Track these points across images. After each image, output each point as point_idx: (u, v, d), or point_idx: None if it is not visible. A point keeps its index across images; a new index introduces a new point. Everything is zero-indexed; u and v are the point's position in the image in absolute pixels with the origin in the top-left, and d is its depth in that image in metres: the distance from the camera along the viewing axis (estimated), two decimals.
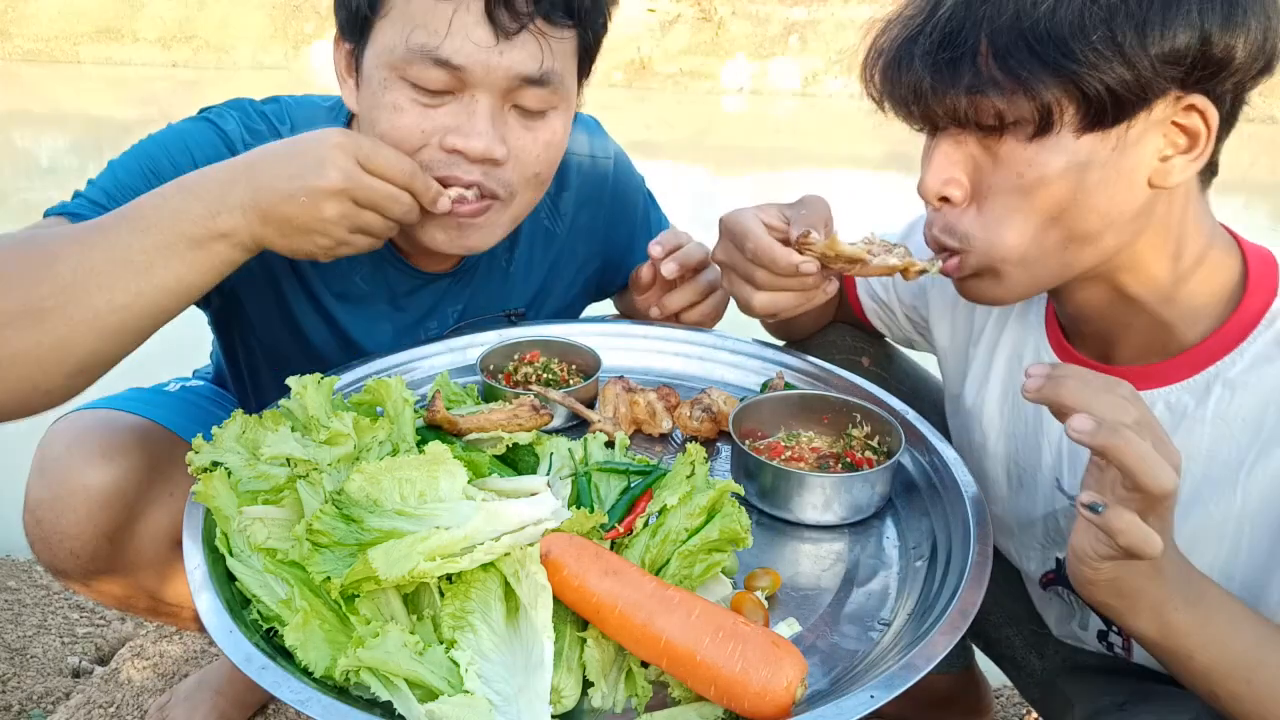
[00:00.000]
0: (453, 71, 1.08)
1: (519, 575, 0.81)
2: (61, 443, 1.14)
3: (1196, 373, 0.97)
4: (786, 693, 0.74)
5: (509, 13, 1.07)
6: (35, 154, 7.99)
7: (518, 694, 0.76)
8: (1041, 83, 0.84)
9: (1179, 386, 0.98)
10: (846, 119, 9.98)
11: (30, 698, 1.77)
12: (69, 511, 1.12)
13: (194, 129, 1.22)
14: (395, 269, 1.34)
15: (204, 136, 1.21)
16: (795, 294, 1.11)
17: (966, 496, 1.01)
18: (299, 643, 0.79)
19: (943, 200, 0.96)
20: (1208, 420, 0.96)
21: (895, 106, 0.96)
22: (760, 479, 1.08)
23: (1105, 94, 0.84)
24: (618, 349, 1.40)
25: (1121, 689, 1.04)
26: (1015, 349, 1.17)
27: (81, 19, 11.52)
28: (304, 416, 1.02)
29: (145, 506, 1.15)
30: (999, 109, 0.88)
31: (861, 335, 1.45)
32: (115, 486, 1.12)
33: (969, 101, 0.88)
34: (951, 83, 0.88)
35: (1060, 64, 0.83)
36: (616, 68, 11.01)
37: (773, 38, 11.10)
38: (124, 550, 1.16)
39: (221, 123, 1.22)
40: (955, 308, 1.28)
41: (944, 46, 0.89)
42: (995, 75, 0.86)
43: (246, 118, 1.25)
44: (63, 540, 1.13)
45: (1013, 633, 1.33)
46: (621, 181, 1.55)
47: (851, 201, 6.23)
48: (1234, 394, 0.94)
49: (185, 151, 1.18)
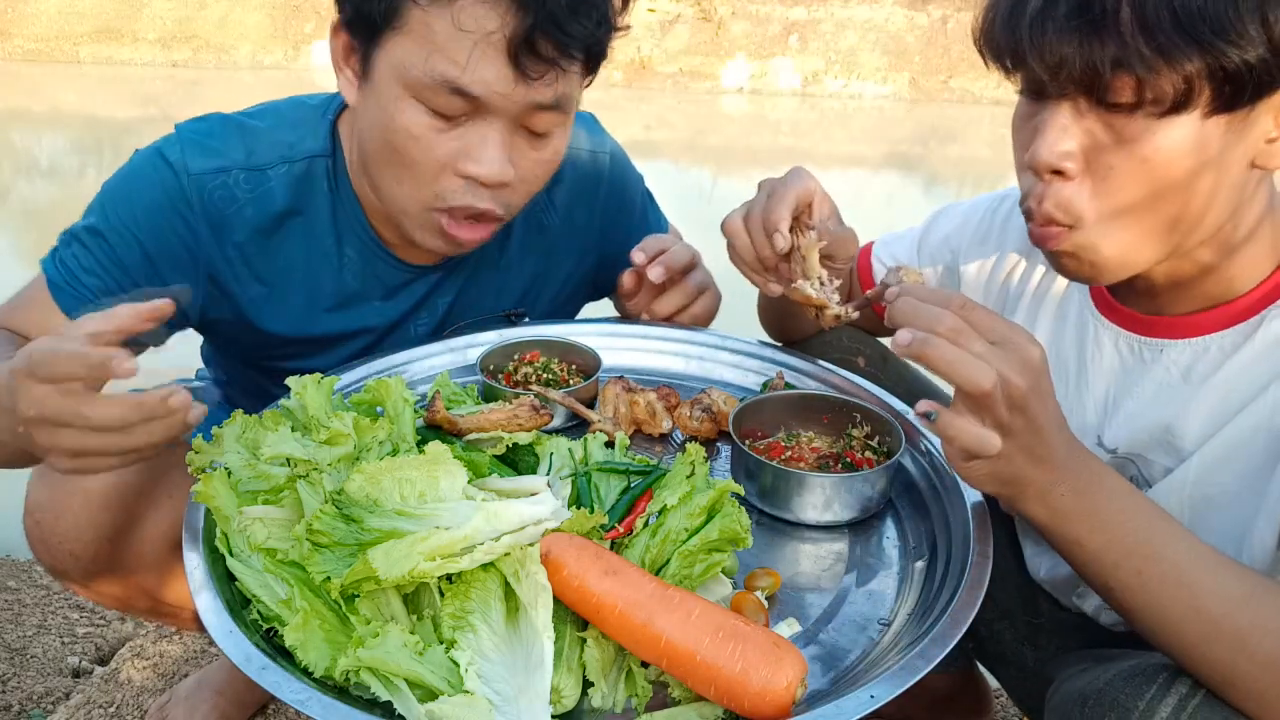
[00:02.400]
0: (470, 100, 1.08)
1: (519, 575, 0.81)
2: None
3: (1248, 318, 0.98)
4: (786, 693, 0.74)
5: (532, 58, 1.06)
6: (35, 154, 8.00)
7: (518, 694, 0.76)
8: (1187, 60, 0.81)
9: (1231, 331, 0.99)
10: (846, 119, 9.99)
11: (30, 698, 1.77)
12: (69, 514, 1.12)
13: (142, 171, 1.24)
14: (384, 263, 1.34)
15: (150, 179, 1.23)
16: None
17: (966, 497, 1.01)
18: (299, 643, 0.79)
19: (1054, 173, 0.93)
20: (1255, 358, 0.97)
21: (1013, 65, 0.93)
22: (760, 479, 1.08)
23: (1246, 75, 0.82)
24: (618, 349, 1.40)
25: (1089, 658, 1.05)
26: (1060, 308, 1.18)
27: (81, 19, 11.51)
28: (304, 416, 1.02)
29: (145, 508, 1.15)
30: (1138, 85, 0.84)
31: (858, 334, 1.45)
32: (115, 489, 1.12)
33: (1111, 75, 0.85)
34: (1092, 54, 0.84)
35: (1209, 42, 0.81)
36: (616, 68, 11.00)
37: (773, 38, 11.09)
38: (124, 552, 1.16)
39: (169, 155, 1.23)
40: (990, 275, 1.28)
41: (1082, 11, 0.85)
42: (1141, 49, 0.82)
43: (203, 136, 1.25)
44: (63, 543, 1.13)
45: (1004, 626, 1.33)
46: (618, 178, 1.54)
47: (851, 202, 6.22)
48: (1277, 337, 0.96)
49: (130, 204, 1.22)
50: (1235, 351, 0.99)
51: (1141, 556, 0.84)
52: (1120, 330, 1.08)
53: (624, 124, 1.92)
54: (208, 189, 1.23)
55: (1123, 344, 1.08)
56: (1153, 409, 1.04)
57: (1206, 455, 1.00)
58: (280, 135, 1.28)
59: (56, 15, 11.56)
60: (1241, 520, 0.96)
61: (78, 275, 1.21)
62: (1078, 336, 1.14)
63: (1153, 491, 1.05)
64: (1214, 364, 1.00)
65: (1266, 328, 0.97)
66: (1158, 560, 0.83)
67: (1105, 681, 0.88)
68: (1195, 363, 1.02)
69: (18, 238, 1.12)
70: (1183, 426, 1.02)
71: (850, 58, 10.83)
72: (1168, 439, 1.03)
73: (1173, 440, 1.03)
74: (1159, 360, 1.05)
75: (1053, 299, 1.19)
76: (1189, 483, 1.01)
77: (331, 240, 1.31)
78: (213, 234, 1.24)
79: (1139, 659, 0.89)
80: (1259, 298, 0.98)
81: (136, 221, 1.21)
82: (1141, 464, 1.07)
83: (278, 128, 1.28)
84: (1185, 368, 1.02)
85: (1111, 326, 1.09)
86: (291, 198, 1.27)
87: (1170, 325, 1.04)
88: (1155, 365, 1.05)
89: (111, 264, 1.21)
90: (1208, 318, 1.01)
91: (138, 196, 1.22)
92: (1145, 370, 1.06)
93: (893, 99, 10.53)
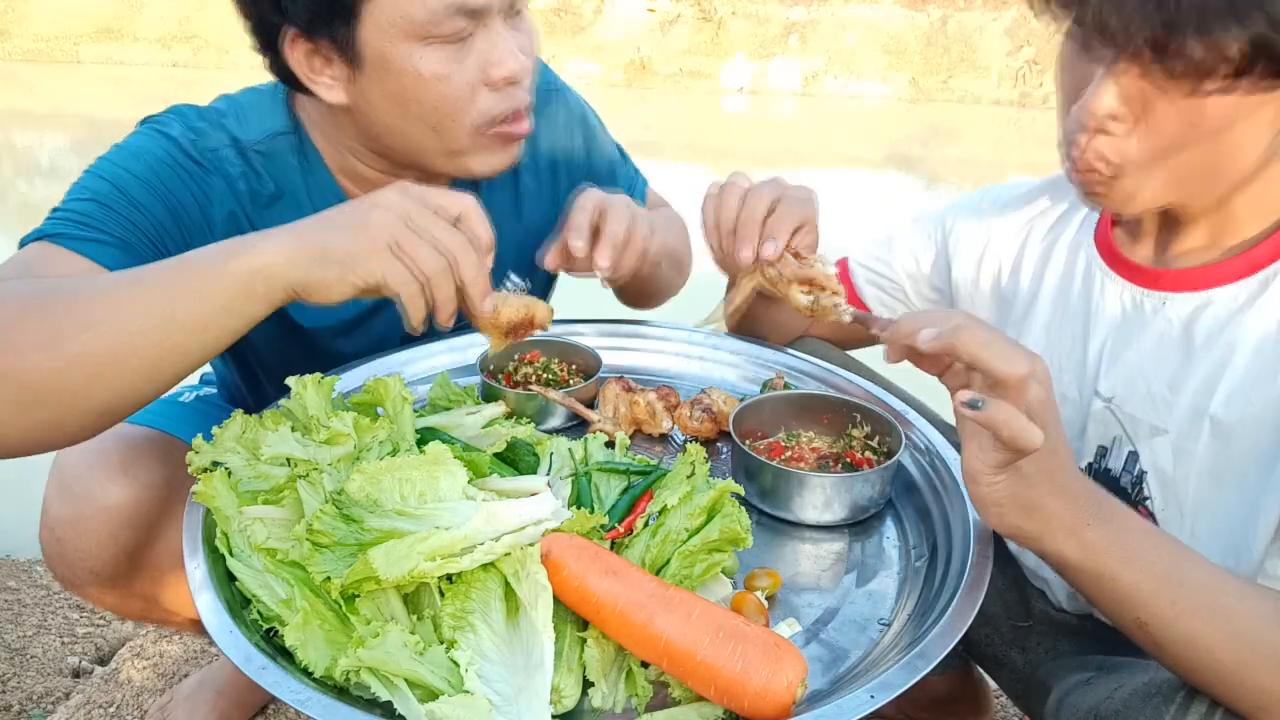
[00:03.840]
0: (471, 15, 1.10)
1: (519, 575, 0.81)
2: (80, 458, 1.12)
3: (1256, 271, 0.98)
4: (786, 693, 0.74)
5: None
6: (35, 154, 8.00)
7: (518, 694, 0.76)
8: (1251, 32, 0.81)
9: (1238, 284, 0.99)
10: (846, 119, 9.99)
11: (30, 698, 1.77)
12: (90, 532, 1.10)
13: (143, 140, 1.20)
14: None
15: (153, 143, 1.19)
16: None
17: (967, 497, 1.01)
18: (299, 643, 0.79)
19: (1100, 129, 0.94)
20: (1261, 315, 0.97)
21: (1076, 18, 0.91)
22: (760, 479, 1.08)
23: None
24: (618, 349, 1.40)
25: (1090, 666, 1.04)
26: (1067, 265, 1.18)
27: (81, 19, 11.51)
28: (304, 416, 1.02)
29: (164, 522, 1.14)
30: (1202, 51, 0.84)
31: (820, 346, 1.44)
32: (137, 505, 1.11)
33: (1178, 42, 0.84)
34: (1163, 16, 0.84)
35: (1275, 15, 0.80)
36: (616, 68, 11.01)
37: (773, 38, 11.09)
38: (143, 566, 1.15)
39: (166, 129, 1.21)
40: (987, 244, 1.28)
41: None
42: (1212, 20, 0.82)
43: (185, 119, 1.24)
44: (84, 559, 1.12)
45: (990, 631, 1.33)
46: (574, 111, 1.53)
47: (851, 202, 6.23)
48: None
49: (139, 160, 1.16)
50: (1241, 311, 0.99)
51: (1174, 585, 0.81)
52: (1125, 282, 1.09)
53: (624, 124, 1.92)
54: (209, 160, 1.22)
55: (1126, 296, 1.09)
56: (1151, 362, 1.05)
57: (1219, 427, 0.99)
58: (245, 120, 1.27)
59: (56, 15, 11.56)
60: (1246, 504, 0.96)
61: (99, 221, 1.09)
62: (1084, 289, 1.14)
63: (1157, 474, 1.04)
64: (1218, 322, 1.00)
65: (1277, 288, 0.96)
66: (1189, 588, 0.81)
67: (1122, 702, 0.87)
68: (1197, 316, 1.02)
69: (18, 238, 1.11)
70: (1181, 383, 1.02)
71: (850, 58, 10.82)
72: (1163, 394, 1.04)
73: (1167, 396, 1.03)
74: (1161, 312, 1.05)
75: (1059, 253, 1.19)
76: (1198, 456, 1.00)
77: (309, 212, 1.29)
78: (220, 198, 1.22)
79: (1151, 673, 0.88)
80: (1268, 250, 0.98)
81: (154, 173, 1.15)
82: (1129, 423, 1.07)
83: (240, 113, 1.27)
84: (1186, 321, 1.03)
85: (1117, 279, 1.10)
86: (270, 173, 1.26)
87: (1175, 278, 1.04)
88: (1157, 317, 1.05)
89: (131, 209, 1.12)
90: (1213, 271, 1.01)
91: (146, 156, 1.17)
92: (1146, 323, 1.06)
93: (893, 99, 10.53)
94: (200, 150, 1.21)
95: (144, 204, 1.13)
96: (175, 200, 1.17)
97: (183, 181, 1.18)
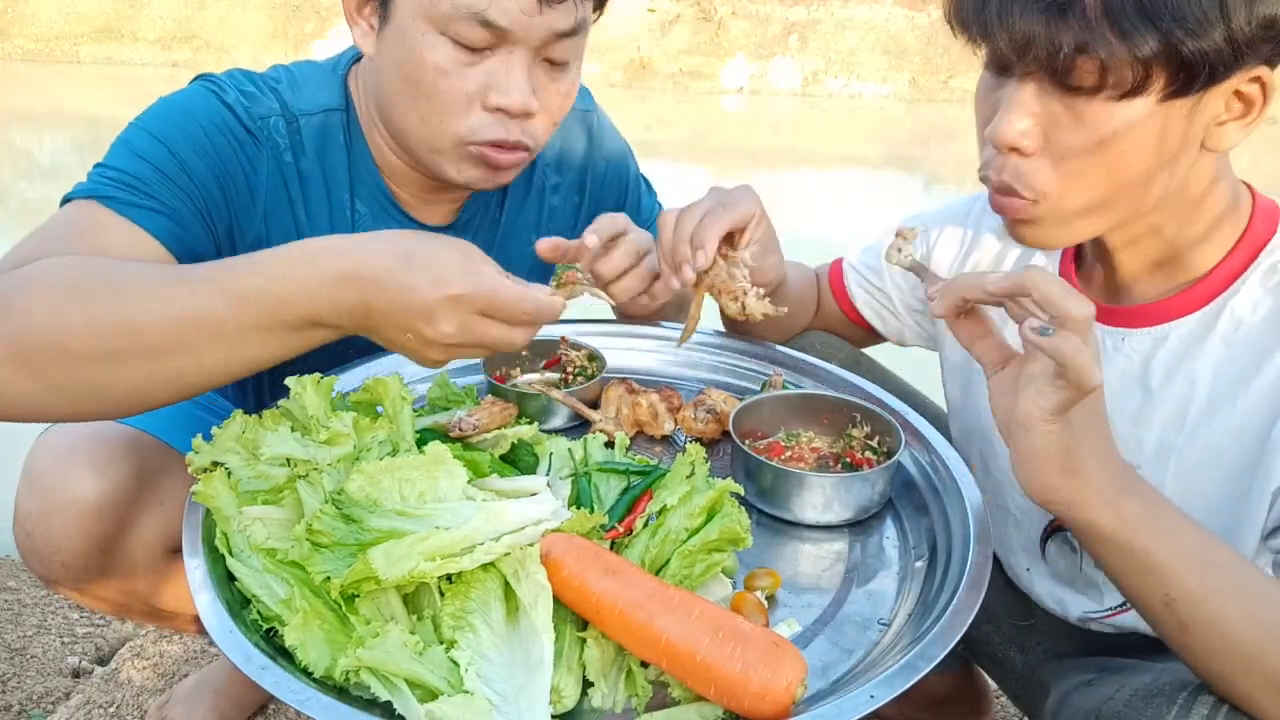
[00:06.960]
0: (495, 31, 1.09)
1: (519, 575, 0.81)
2: (50, 454, 1.13)
3: (1206, 303, 1.00)
4: (786, 693, 0.74)
5: None
6: (35, 154, 8.00)
7: (518, 694, 0.76)
8: (1147, 45, 0.83)
9: (1191, 318, 1.01)
10: (846, 119, 9.99)
11: (30, 698, 1.77)
12: (59, 524, 1.11)
13: (197, 98, 1.20)
14: (396, 221, 1.34)
15: (208, 104, 1.19)
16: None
17: (966, 497, 1.01)
18: (299, 643, 0.79)
19: (1013, 149, 0.95)
20: (1216, 345, 0.99)
21: (980, 41, 0.94)
22: (760, 479, 1.08)
23: (1202, 62, 0.83)
24: (618, 350, 1.40)
25: (1091, 667, 1.04)
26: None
27: (81, 19, 11.51)
28: (304, 416, 1.02)
29: (136, 516, 1.14)
30: (1100, 68, 0.86)
31: (831, 340, 1.44)
32: (105, 497, 1.11)
33: (1073, 58, 0.86)
34: (1057, 36, 0.86)
35: (1169, 28, 0.82)
36: (616, 68, 11.00)
37: (773, 38, 11.09)
38: (116, 559, 1.15)
39: (223, 93, 1.21)
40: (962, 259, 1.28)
41: None
42: (1106, 34, 0.84)
43: (239, 84, 1.24)
44: (55, 552, 1.12)
45: (991, 629, 1.33)
46: (607, 136, 1.54)
47: (851, 202, 6.23)
48: (1238, 318, 0.98)
49: (194, 121, 1.17)
50: (1199, 343, 1.00)
51: (1203, 564, 0.82)
52: None
53: (624, 124, 1.92)
54: (258, 128, 1.22)
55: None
56: (1117, 399, 1.05)
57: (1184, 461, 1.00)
58: (299, 90, 1.28)
59: (56, 15, 11.56)
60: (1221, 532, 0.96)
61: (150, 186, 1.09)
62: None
63: None
64: (1175, 356, 1.02)
65: (1226, 316, 0.99)
66: (1217, 567, 0.82)
67: (1123, 703, 0.87)
68: (1155, 352, 1.03)
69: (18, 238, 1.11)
70: (1146, 418, 1.04)
71: (850, 58, 10.83)
72: (1130, 430, 1.05)
73: (1134, 432, 1.05)
74: (1120, 349, 1.06)
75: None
76: (1167, 490, 1.01)
77: (346, 194, 1.30)
78: (267, 170, 1.23)
79: (1152, 675, 0.88)
80: (1218, 279, 1.00)
81: (207, 136, 1.16)
82: None
83: (295, 84, 1.28)
84: (1145, 357, 1.04)
85: None
86: (316, 149, 1.27)
87: (1130, 315, 1.05)
88: (1118, 354, 1.06)
89: (183, 175, 1.12)
90: (1169, 305, 1.03)
91: (201, 119, 1.17)
92: (1109, 360, 1.07)
93: (893, 99, 10.53)
94: (252, 117, 1.21)
95: (195, 171, 1.14)
96: (224, 171, 1.18)
97: (233, 150, 1.19)
